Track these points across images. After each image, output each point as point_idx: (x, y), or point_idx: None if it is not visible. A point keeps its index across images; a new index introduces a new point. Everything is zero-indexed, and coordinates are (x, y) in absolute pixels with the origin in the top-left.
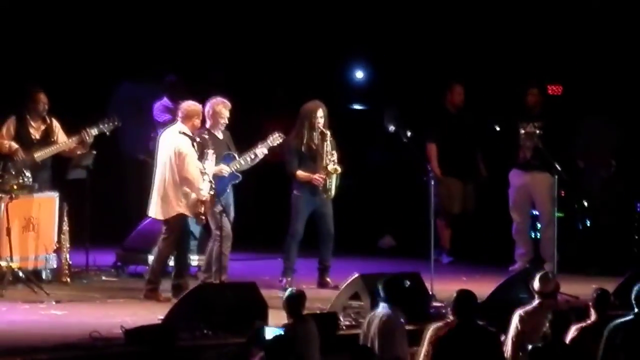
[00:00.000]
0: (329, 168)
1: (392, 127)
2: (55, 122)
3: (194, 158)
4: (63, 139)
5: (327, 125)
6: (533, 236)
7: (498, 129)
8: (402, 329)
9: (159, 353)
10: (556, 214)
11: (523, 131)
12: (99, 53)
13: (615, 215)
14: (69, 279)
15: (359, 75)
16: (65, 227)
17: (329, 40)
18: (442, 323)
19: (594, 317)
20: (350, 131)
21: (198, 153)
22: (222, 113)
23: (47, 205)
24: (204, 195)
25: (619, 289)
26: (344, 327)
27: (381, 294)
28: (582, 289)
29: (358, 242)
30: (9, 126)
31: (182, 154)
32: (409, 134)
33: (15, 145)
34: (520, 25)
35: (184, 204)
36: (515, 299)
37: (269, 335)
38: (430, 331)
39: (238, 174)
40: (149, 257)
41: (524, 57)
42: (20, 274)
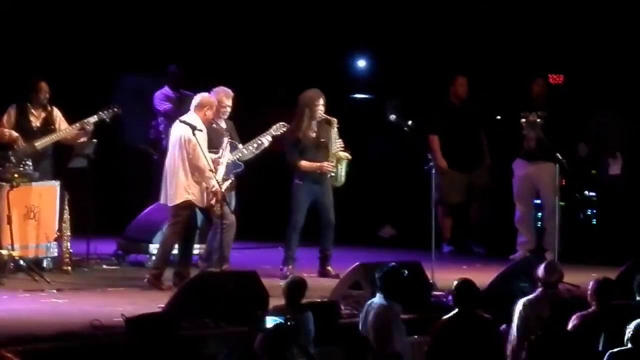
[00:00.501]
0: (341, 155)
1: (393, 117)
2: (56, 111)
3: (203, 147)
4: (64, 127)
5: (328, 113)
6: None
7: (499, 118)
8: (398, 321)
9: (160, 342)
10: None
11: (524, 120)
12: (103, 45)
13: (620, 207)
14: (69, 268)
15: (361, 64)
16: (66, 216)
17: (330, 29)
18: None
19: (594, 306)
20: (352, 121)
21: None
22: (224, 102)
23: (48, 193)
24: (213, 184)
25: (619, 278)
26: (344, 316)
27: (378, 284)
28: (583, 278)
29: (358, 232)
30: (9, 114)
31: (192, 142)
32: (410, 123)
33: (15, 134)
34: (522, 15)
35: (193, 192)
36: (515, 288)
37: (269, 323)
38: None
39: (240, 163)
40: (150, 246)
41: (525, 47)
42: (21, 262)
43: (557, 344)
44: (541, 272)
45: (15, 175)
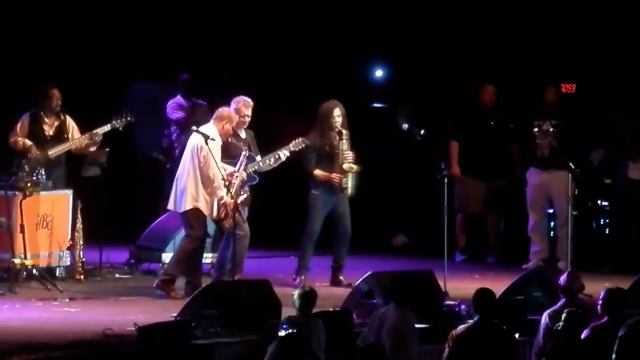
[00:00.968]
0: (345, 167)
1: (406, 125)
2: (69, 119)
3: (215, 156)
4: (76, 136)
5: (346, 124)
6: (551, 235)
7: (512, 126)
8: (413, 330)
9: (172, 350)
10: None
11: (537, 129)
12: (115, 52)
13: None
14: (82, 277)
15: (379, 73)
16: (79, 225)
17: (348, 38)
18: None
19: (605, 317)
20: (370, 129)
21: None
22: (243, 112)
23: (61, 202)
24: (221, 196)
25: (632, 288)
26: (357, 325)
27: (390, 293)
28: (596, 287)
29: (371, 240)
30: (23, 123)
31: (204, 150)
32: (423, 132)
33: (29, 142)
34: (534, 24)
35: (201, 202)
36: (528, 298)
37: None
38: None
39: (255, 176)
40: (163, 255)
41: (538, 56)
42: (34, 271)
43: (572, 354)
44: (563, 280)
45: (29, 184)
